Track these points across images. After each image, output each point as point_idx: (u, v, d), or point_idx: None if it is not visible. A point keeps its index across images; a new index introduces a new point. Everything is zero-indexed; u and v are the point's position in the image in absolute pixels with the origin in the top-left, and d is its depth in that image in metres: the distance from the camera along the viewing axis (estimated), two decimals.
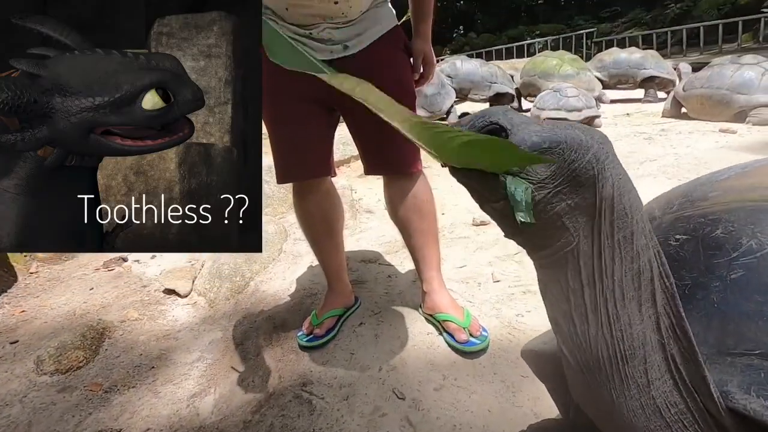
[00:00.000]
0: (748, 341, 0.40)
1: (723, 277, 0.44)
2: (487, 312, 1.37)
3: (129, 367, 1.32)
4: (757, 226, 0.44)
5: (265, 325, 1.46)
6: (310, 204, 1.30)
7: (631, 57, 5.46)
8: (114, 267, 2.02)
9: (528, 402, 0.99)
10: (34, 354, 1.35)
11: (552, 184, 0.43)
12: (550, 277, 0.47)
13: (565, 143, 0.42)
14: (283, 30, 1.09)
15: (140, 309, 1.65)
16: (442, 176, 3.09)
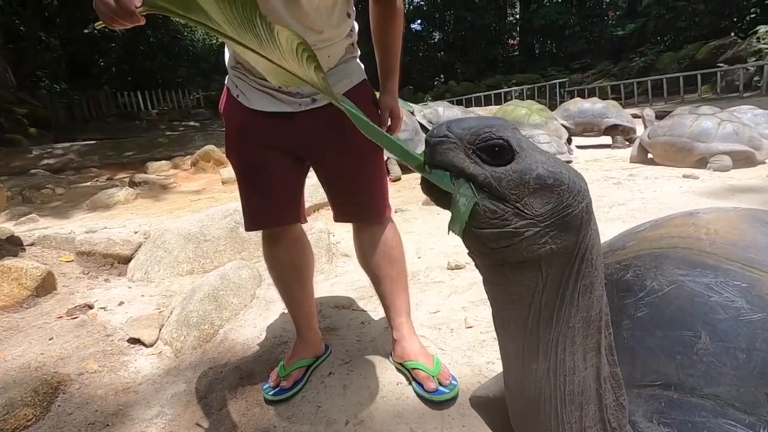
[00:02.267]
0: (652, 373, 0.42)
1: (631, 316, 0.47)
2: (458, 360, 1.36)
3: (82, 425, 1.24)
4: (658, 270, 0.48)
5: (231, 376, 1.41)
6: (279, 251, 1.30)
7: (595, 107, 5.81)
8: (78, 315, 1.94)
9: None
10: None
11: (544, 223, 0.40)
12: (510, 313, 0.46)
13: (567, 186, 0.40)
14: (251, 82, 1.14)
15: (101, 360, 1.58)
16: (420, 219, 3.14)
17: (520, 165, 0.40)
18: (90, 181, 5.92)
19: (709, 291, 0.45)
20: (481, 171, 0.40)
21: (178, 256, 2.39)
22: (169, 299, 2.07)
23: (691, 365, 0.41)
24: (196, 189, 4.62)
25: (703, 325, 0.43)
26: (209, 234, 2.51)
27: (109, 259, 2.51)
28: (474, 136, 0.41)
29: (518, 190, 0.40)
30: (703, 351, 0.42)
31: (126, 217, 3.56)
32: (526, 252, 0.41)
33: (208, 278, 1.94)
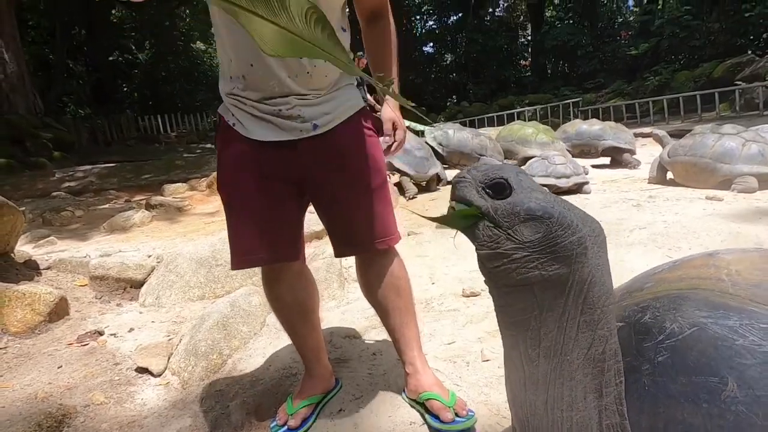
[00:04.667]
0: (677, 423, 0.38)
1: (651, 360, 0.44)
2: (474, 397, 1.29)
3: None
4: (678, 311, 0.45)
5: (238, 411, 1.36)
6: (280, 288, 1.25)
7: (591, 129, 5.80)
8: (88, 341, 1.93)
9: None
10: None
11: (532, 248, 0.46)
12: (512, 341, 0.47)
13: (556, 219, 0.46)
14: (250, 109, 1.09)
15: (107, 391, 1.55)
16: (433, 242, 3.08)
17: (514, 198, 0.48)
18: (108, 203, 6.04)
19: (734, 334, 0.41)
20: (484, 202, 0.50)
21: (189, 281, 2.38)
22: (179, 326, 2.04)
23: (719, 415, 0.37)
24: (210, 211, 4.66)
25: (729, 370, 0.39)
26: (221, 258, 2.50)
27: (122, 283, 2.51)
28: (484, 176, 0.51)
29: (510, 218, 0.47)
30: (731, 399, 0.37)
31: (141, 240, 3.59)
32: (517, 274, 0.46)
33: (217, 305, 1.92)
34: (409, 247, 2.99)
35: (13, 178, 7.23)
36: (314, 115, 1.11)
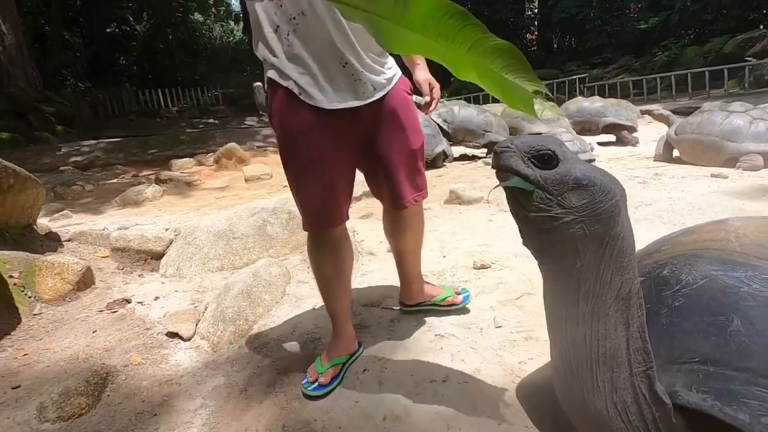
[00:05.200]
0: (690, 352, 0.46)
1: (669, 305, 0.51)
2: (490, 359, 1.38)
3: (131, 414, 1.31)
4: (693, 266, 0.52)
5: (269, 371, 1.46)
6: (327, 249, 1.34)
7: (593, 105, 5.80)
8: (117, 309, 2.03)
9: None
10: (37, 400, 1.34)
11: (579, 213, 0.52)
12: (555, 287, 0.54)
13: (599, 186, 0.52)
14: (315, 76, 1.14)
15: (143, 353, 1.65)
16: (442, 218, 3.15)
17: (561, 169, 0.54)
18: (116, 178, 6.09)
19: (740, 283, 0.48)
20: (533, 172, 0.53)
21: (208, 253, 2.46)
22: (202, 295, 2.14)
23: (725, 344, 0.45)
24: (220, 186, 4.72)
25: (735, 311, 0.47)
26: (238, 231, 2.58)
27: (143, 255, 2.60)
28: (529, 147, 0.55)
29: (560, 187, 0.53)
30: (735, 332, 0.45)
31: (155, 214, 3.67)
32: (565, 233, 0.52)
33: (240, 275, 2.00)
34: None
35: (19, 153, 7.25)
36: (374, 81, 1.19)
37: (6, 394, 1.40)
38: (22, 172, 2.42)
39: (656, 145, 4.31)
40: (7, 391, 1.41)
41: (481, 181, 4.05)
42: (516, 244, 2.35)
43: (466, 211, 3.23)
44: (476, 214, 3.10)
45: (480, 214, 3.07)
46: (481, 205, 3.29)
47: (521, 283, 1.92)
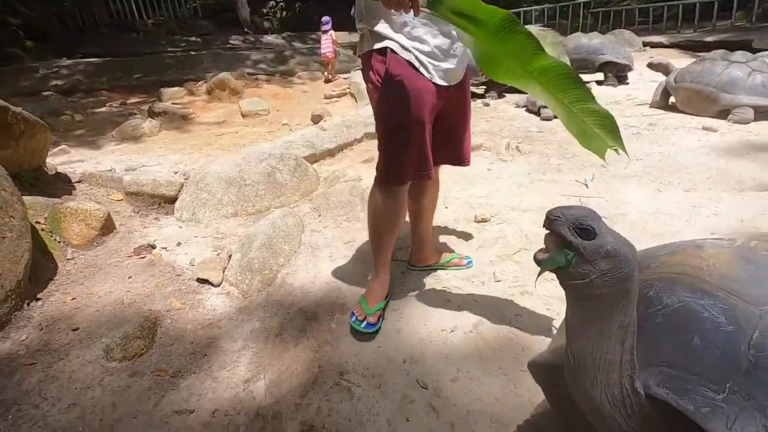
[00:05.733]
0: (663, 358, 0.65)
1: (652, 321, 0.70)
2: (491, 311, 1.61)
3: (185, 354, 1.53)
4: (672, 291, 0.69)
5: (298, 317, 1.68)
6: (396, 203, 1.53)
7: (591, 42, 5.66)
8: (144, 254, 2.18)
9: (527, 393, 1.24)
10: (99, 342, 1.54)
11: (605, 275, 0.66)
12: (575, 314, 0.72)
13: (622, 257, 0.66)
14: (436, 59, 1.38)
15: (180, 298, 1.84)
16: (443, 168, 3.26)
17: (598, 241, 0.68)
18: (104, 106, 5.90)
19: (703, 309, 0.66)
20: (576, 241, 0.66)
21: (221, 199, 2.58)
22: (221, 241, 2.30)
23: (686, 355, 0.64)
24: (217, 121, 4.66)
25: (696, 331, 0.65)
26: (248, 178, 2.67)
27: (156, 199, 2.70)
28: (575, 219, 0.68)
29: (594, 255, 0.66)
30: (694, 347, 0.64)
31: (157, 152, 3.68)
32: (592, 287, 0.67)
33: (260, 227, 2.15)
34: None
35: None
36: (463, 67, 1.47)
37: (68, 335, 1.60)
38: (31, 117, 2.41)
39: (654, 91, 4.34)
40: (68, 333, 1.61)
41: (480, 125, 4.10)
42: (513, 198, 2.54)
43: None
44: (476, 162, 3.21)
45: (479, 163, 3.19)
46: (481, 153, 3.40)
47: (518, 238, 2.12)
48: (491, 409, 1.21)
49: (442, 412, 1.22)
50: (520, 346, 1.43)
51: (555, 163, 3.07)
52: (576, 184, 2.71)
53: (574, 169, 2.97)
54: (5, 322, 1.60)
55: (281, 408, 1.29)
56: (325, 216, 2.45)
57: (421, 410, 1.23)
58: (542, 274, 0.74)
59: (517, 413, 1.17)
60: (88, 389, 1.37)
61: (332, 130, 3.70)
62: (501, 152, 3.32)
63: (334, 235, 2.27)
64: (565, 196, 2.55)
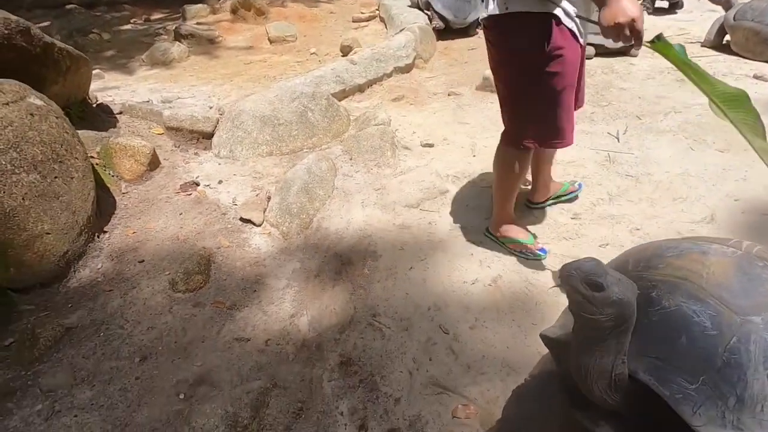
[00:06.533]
0: (653, 351, 0.80)
1: (650, 319, 0.83)
2: (510, 267, 1.76)
3: (237, 289, 1.76)
4: (671, 295, 0.81)
5: (334, 261, 1.87)
6: (526, 165, 1.67)
7: None
8: (190, 191, 2.36)
9: (535, 344, 1.43)
10: (163, 274, 1.78)
11: (610, 317, 0.78)
12: (583, 331, 0.84)
13: (625, 304, 0.78)
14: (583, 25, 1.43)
15: (227, 237, 2.04)
16: (473, 107, 3.24)
17: (605, 293, 0.79)
18: (129, 22, 5.78)
19: (694, 314, 0.78)
20: (587, 293, 0.79)
21: (257, 138, 2.68)
22: (259, 181, 2.45)
23: (672, 351, 0.78)
24: (244, 46, 4.57)
25: (685, 332, 0.78)
26: (282, 118, 2.74)
27: (195, 134, 2.82)
28: (586, 275, 0.80)
29: (602, 303, 0.80)
30: (680, 345, 0.77)
31: (188, 82, 3.72)
32: (598, 324, 0.81)
33: (297, 172, 2.28)
34: (451, 110, 3.17)
35: None
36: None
37: (136, 267, 1.84)
38: (74, 51, 2.47)
39: (709, 29, 4.00)
40: (136, 265, 1.85)
41: None
42: None
43: (497, 101, 3.27)
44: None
45: None
46: None
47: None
48: (503, 355, 1.41)
49: (460, 355, 1.43)
50: (534, 302, 1.60)
51: (588, 112, 3.00)
52: (607, 136, 2.69)
53: (607, 119, 2.91)
54: (82, 253, 1.84)
55: (323, 341, 1.52)
56: (356, 160, 2.55)
57: (442, 352, 1.44)
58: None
59: (525, 360, 1.37)
60: (160, 315, 1.62)
61: (362, 63, 3.63)
62: None
63: (365, 180, 2.39)
64: (594, 149, 2.56)
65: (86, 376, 1.41)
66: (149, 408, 1.30)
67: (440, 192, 2.24)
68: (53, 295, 1.68)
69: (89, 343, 1.51)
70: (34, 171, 1.69)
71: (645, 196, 2.11)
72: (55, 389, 1.36)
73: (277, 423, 1.26)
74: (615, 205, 2.07)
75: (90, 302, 1.67)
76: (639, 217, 1.98)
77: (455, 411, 1.25)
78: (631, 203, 2.08)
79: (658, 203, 2.06)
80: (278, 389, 1.36)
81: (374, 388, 1.34)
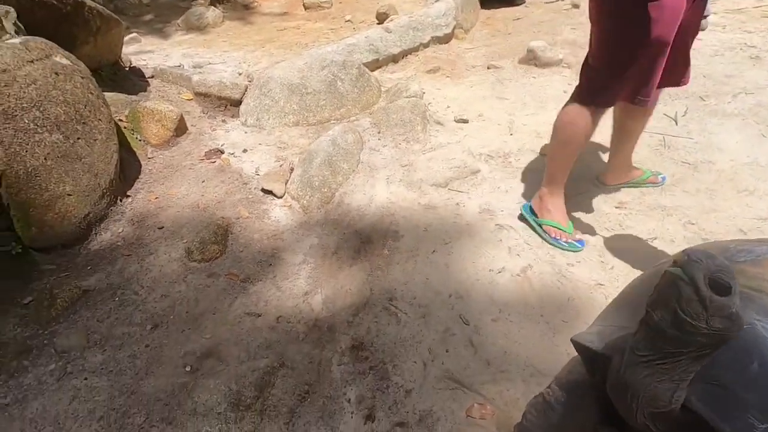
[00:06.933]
0: (714, 375, 0.64)
1: None
2: (543, 256, 1.62)
3: (253, 262, 1.71)
4: (744, 309, 0.64)
5: (353, 239, 1.78)
6: (595, 124, 1.53)
7: None
8: (215, 159, 2.32)
9: (564, 344, 1.30)
10: (180, 242, 1.75)
11: (712, 333, 0.58)
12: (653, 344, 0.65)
13: (739, 326, 0.58)
14: None
15: (248, 207, 1.99)
16: (514, 81, 3.01)
17: (726, 300, 0.60)
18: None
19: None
20: (706, 292, 0.60)
21: (284, 107, 2.60)
22: (284, 152, 2.37)
23: (740, 379, 0.62)
24: (279, 12, 4.45)
25: (758, 357, 0.63)
26: (310, 87, 2.64)
27: (223, 101, 2.77)
28: (716, 269, 0.58)
29: (717, 310, 0.59)
30: (751, 373, 0.62)
31: (221, 48, 3.66)
32: (689, 337, 0.60)
33: (321, 144, 2.18)
34: (489, 84, 2.96)
35: None
36: None
37: (155, 233, 1.82)
38: (105, 11, 2.44)
39: None
40: (155, 231, 1.83)
41: (563, 34, 3.61)
42: None
43: (540, 75, 3.04)
44: (551, 82, 2.93)
45: (555, 82, 2.91)
46: (559, 70, 3.06)
47: (587, 181, 2.00)
48: (527, 353, 1.29)
49: (480, 349, 1.32)
50: (566, 297, 1.46)
51: None
52: (663, 118, 2.42)
53: (665, 97, 2.61)
54: (104, 216, 1.83)
55: (335, 322, 1.45)
56: (384, 134, 2.42)
57: (460, 344, 1.34)
58: None
59: (552, 362, 1.25)
60: (175, 283, 1.60)
61: (398, 32, 3.43)
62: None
63: (392, 155, 2.27)
64: (647, 132, 2.30)
65: (99, 339, 1.40)
66: (155, 378, 1.28)
67: (471, 172, 2.09)
68: (74, 257, 1.69)
69: (104, 307, 1.50)
70: (57, 131, 1.68)
71: (704, 187, 1.88)
72: (68, 350, 1.36)
73: (281, 404, 1.21)
74: (667, 195, 1.86)
75: (108, 266, 1.67)
76: (695, 210, 1.77)
77: (470, 410, 1.16)
78: (687, 194, 1.86)
79: (719, 195, 1.83)
80: (285, 369, 1.30)
81: (385, 377, 1.27)
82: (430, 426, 1.14)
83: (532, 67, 3.13)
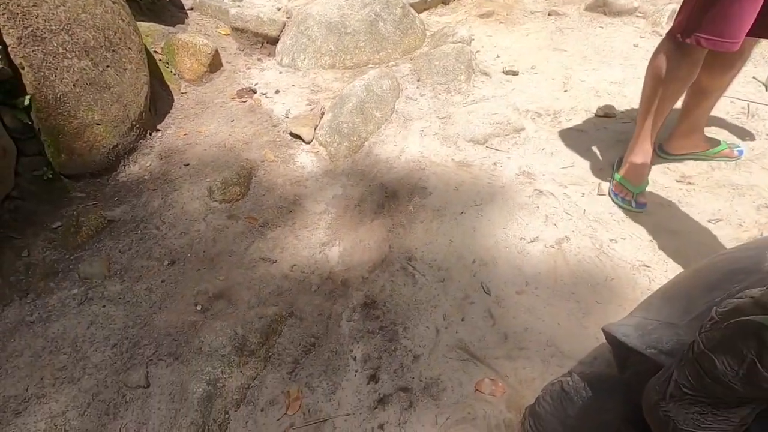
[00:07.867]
0: None
1: None
2: (583, 229, 1.46)
3: (273, 207, 1.66)
4: None
5: (378, 192, 1.69)
6: (691, 65, 1.32)
7: None
8: (246, 98, 2.25)
9: (594, 327, 1.18)
10: (204, 181, 1.73)
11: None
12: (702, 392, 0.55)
13: None
14: None
15: (274, 150, 1.93)
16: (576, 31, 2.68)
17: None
18: None
19: None
20: None
21: (320, 48, 2.45)
22: (317, 95, 2.26)
23: None
24: None
25: None
26: (350, 26, 2.46)
27: (259, 38, 2.65)
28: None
29: None
30: None
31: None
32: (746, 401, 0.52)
33: (354, 88, 2.04)
34: (548, 33, 2.65)
35: None
36: None
37: (181, 169, 1.80)
38: None
39: None
40: (181, 167, 1.81)
41: None
42: None
43: (609, 25, 2.68)
44: (621, 33, 2.58)
45: (626, 34, 2.56)
46: (632, 20, 2.69)
47: None
48: (551, 332, 1.19)
49: (499, 321, 1.23)
50: (603, 276, 1.31)
51: None
52: (751, 82, 2.08)
53: (756, 56, 2.25)
54: (133, 149, 1.83)
55: (350, 277, 1.40)
56: (424, 82, 2.24)
57: (478, 314, 1.25)
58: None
59: (578, 345, 1.14)
60: (195, 222, 1.59)
61: None
62: (660, 21, 2.58)
63: (429, 106, 2.10)
64: (728, 96, 1.99)
65: (119, 269, 1.42)
66: (168, 313, 1.29)
67: (515, 129, 1.90)
68: (102, 187, 1.71)
69: (127, 239, 1.52)
70: (86, 57, 1.64)
71: None
72: (90, 277, 1.40)
73: (285, 354, 1.19)
74: (742, 172, 1.61)
75: (134, 198, 1.67)
76: None
77: (480, 384, 1.09)
78: (766, 172, 1.61)
79: None
80: (294, 319, 1.27)
81: (394, 339, 1.21)
82: (434, 395, 1.08)
83: (601, 15, 2.76)
